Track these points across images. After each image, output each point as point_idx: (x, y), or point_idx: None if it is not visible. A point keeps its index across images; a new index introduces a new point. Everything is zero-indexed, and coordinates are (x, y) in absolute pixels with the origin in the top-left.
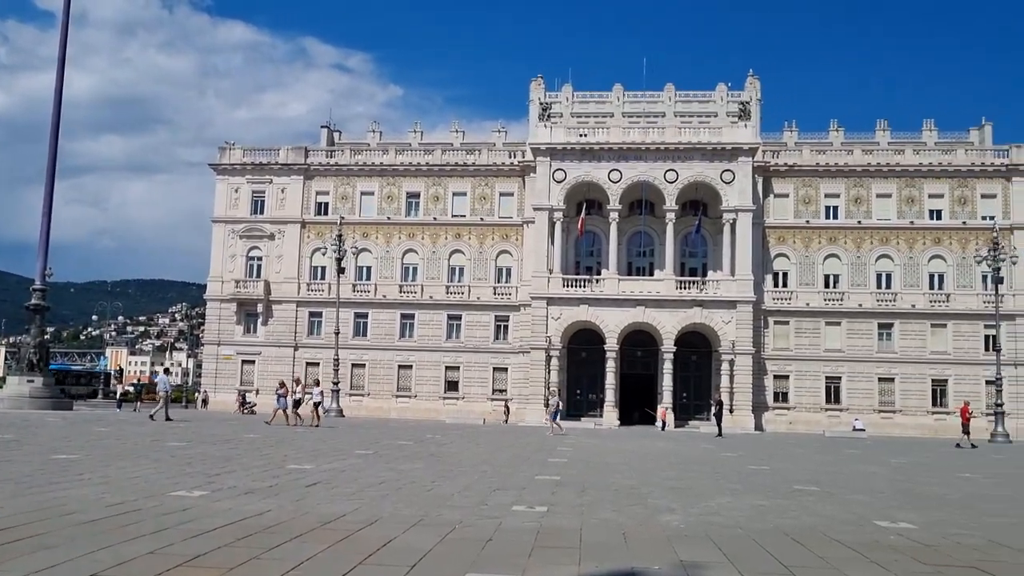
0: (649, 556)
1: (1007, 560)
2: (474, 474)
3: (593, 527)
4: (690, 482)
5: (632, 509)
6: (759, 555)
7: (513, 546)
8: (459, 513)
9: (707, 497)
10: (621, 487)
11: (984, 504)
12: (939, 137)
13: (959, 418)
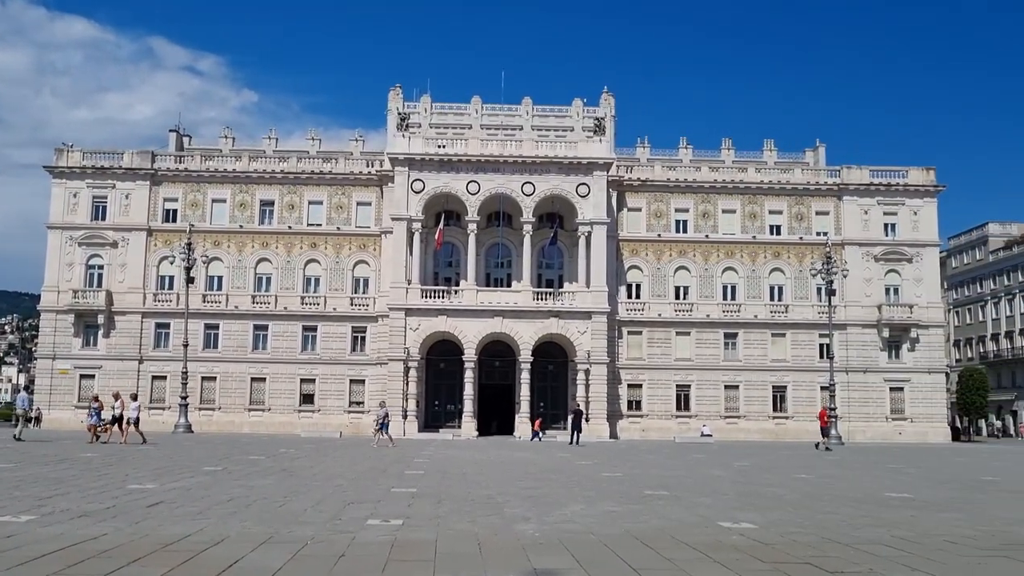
0: (503, 565)
1: (837, 555)
2: (328, 488)
3: (449, 538)
4: (546, 490)
5: (488, 519)
6: (610, 559)
7: (366, 561)
8: (311, 529)
9: (562, 505)
10: (478, 497)
11: (817, 503)
12: (778, 157)
13: (818, 422)
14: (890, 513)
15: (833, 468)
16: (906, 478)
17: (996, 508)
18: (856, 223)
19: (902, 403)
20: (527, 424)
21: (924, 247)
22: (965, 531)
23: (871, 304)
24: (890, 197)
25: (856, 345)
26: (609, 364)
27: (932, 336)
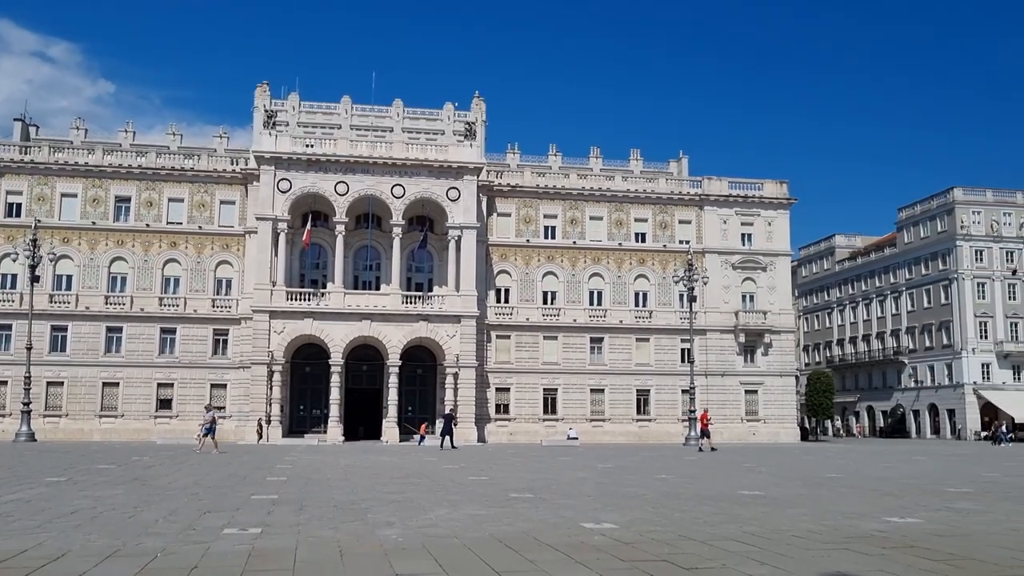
0: (365, 572)
1: (693, 552)
2: (183, 497)
3: (309, 546)
4: (411, 495)
5: (351, 525)
6: (473, 563)
7: (221, 572)
8: (162, 540)
9: (426, 509)
10: (341, 503)
11: (676, 502)
12: (644, 166)
13: (699, 423)
14: (743, 510)
15: (692, 468)
16: (758, 477)
17: (838, 503)
18: (716, 232)
19: (756, 405)
20: (395, 429)
21: (777, 256)
22: (810, 526)
23: (729, 310)
24: (747, 208)
25: (715, 350)
26: (478, 368)
27: (784, 341)
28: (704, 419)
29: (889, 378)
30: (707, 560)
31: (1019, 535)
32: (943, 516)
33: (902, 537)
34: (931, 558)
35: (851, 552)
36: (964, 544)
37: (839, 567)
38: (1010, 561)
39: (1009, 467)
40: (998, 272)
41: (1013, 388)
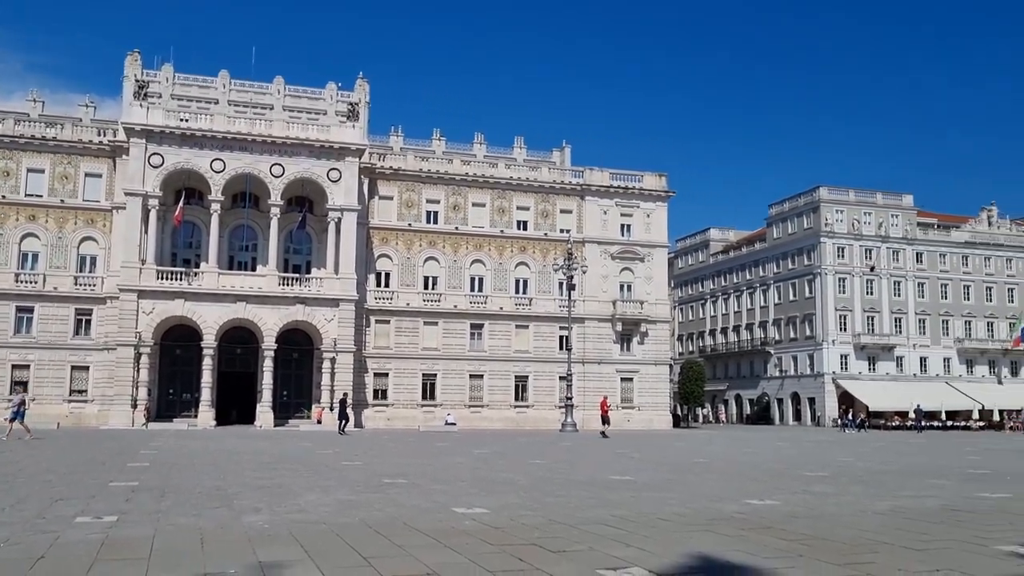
0: (226, 560)
1: (562, 536)
2: (34, 485)
3: (168, 534)
4: (281, 481)
5: (215, 512)
6: (341, 549)
7: (69, 563)
8: (7, 530)
9: (296, 495)
10: (206, 489)
11: (548, 487)
12: (527, 154)
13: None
14: (613, 495)
15: (566, 454)
16: (630, 462)
17: (703, 487)
18: (596, 222)
19: (631, 392)
20: (269, 413)
21: (655, 248)
22: (676, 509)
23: (607, 299)
24: (627, 200)
25: (593, 338)
26: (356, 353)
27: (659, 331)
28: (604, 406)
29: (756, 367)
30: (575, 543)
31: (867, 516)
32: (800, 499)
33: (760, 519)
34: (786, 538)
35: (712, 534)
36: (817, 525)
37: (700, 548)
38: (858, 540)
39: (862, 452)
40: (857, 268)
41: (868, 378)
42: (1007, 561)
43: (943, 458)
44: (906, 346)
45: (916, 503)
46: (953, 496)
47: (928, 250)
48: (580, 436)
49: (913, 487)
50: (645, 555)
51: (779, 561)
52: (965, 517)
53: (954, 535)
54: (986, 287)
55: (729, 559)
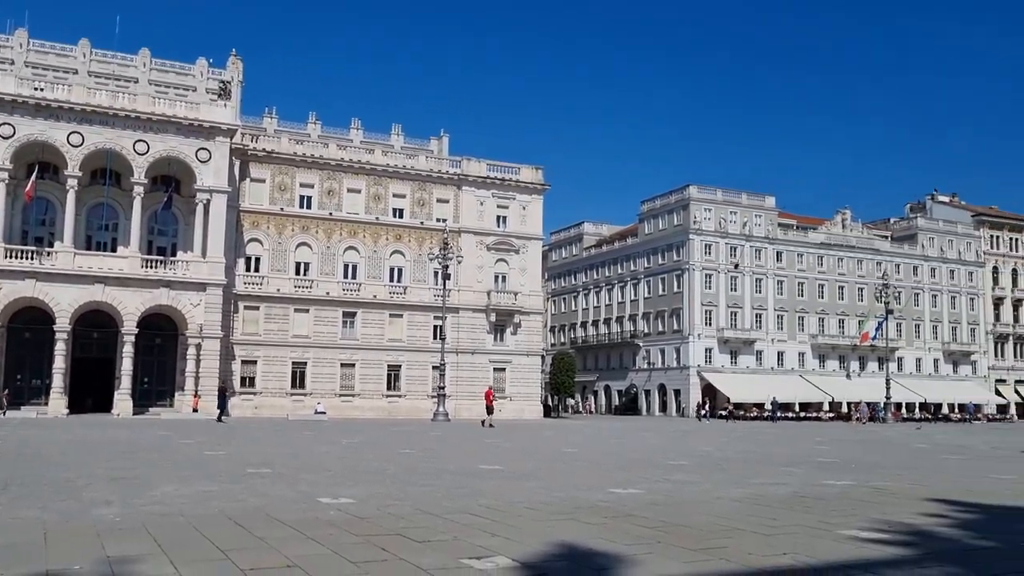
0: (72, 555)
1: (427, 525)
2: None
3: (8, 528)
4: (138, 472)
5: (62, 504)
6: (196, 541)
7: None
8: None
9: (152, 486)
10: (55, 481)
11: (417, 477)
12: (405, 142)
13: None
14: (481, 484)
15: (436, 443)
16: (500, 452)
17: (571, 476)
18: (472, 213)
19: (504, 383)
20: (128, 401)
21: (530, 240)
22: (543, 498)
23: (482, 290)
24: (504, 191)
25: (467, 328)
26: (223, 339)
27: (532, 322)
28: (489, 397)
29: (626, 359)
30: (440, 533)
31: (723, 502)
32: (661, 487)
33: (622, 507)
34: (645, 525)
35: (576, 522)
36: (675, 512)
37: (563, 536)
38: (713, 526)
39: (722, 442)
40: (723, 265)
41: (730, 371)
42: (848, 544)
43: (795, 447)
44: (765, 341)
45: (768, 490)
46: (802, 483)
47: (788, 250)
48: (452, 426)
49: (767, 475)
50: (510, 544)
51: (638, 547)
52: (812, 503)
53: (801, 520)
54: (839, 286)
55: (591, 546)
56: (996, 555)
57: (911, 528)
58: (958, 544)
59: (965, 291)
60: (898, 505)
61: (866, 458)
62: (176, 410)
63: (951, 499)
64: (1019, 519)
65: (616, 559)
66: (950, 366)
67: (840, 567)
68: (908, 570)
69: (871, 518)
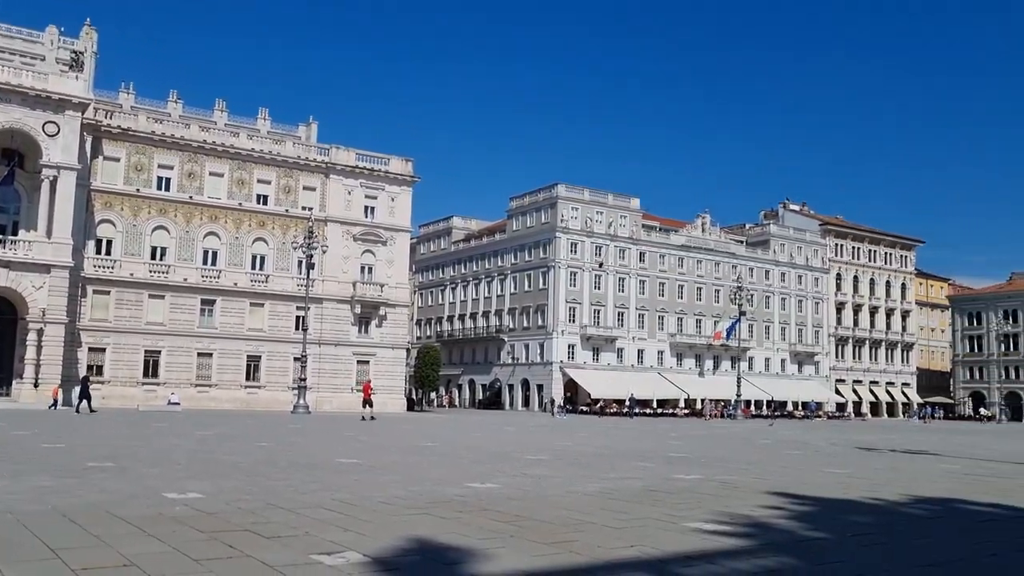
0: None
1: (279, 520)
2: None
3: None
4: None
5: None
6: (25, 541)
7: None
8: None
9: None
10: None
11: (272, 470)
12: (272, 127)
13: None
14: (338, 478)
15: (295, 436)
16: (359, 445)
17: (429, 470)
18: (340, 202)
19: (368, 376)
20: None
21: (398, 232)
22: (399, 492)
23: (347, 281)
24: (373, 181)
25: (331, 319)
26: (68, 324)
27: (398, 315)
28: (368, 390)
29: (491, 354)
30: (291, 528)
31: (577, 496)
32: (518, 481)
33: (478, 501)
34: (500, 519)
35: (431, 516)
36: (529, 506)
37: (417, 531)
38: (565, 520)
39: (580, 436)
40: (588, 264)
41: (592, 367)
42: (692, 536)
43: (649, 443)
44: (626, 339)
45: (621, 484)
46: (654, 478)
47: (650, 250)
48: (312, 418)
49: (621, 469)
50: (362, 539)
51: (490, 541)
52: (662, 497)
53: (651, 514)
54: (697, 287)
55: (444, 541)
56: (826, 545)
57: (751, 520)
58: (793, 535)
59: (811, 295)
60: (741, 498)
61: (715, 453)
62: (13, 399)
63: (789, 492)
64: (848, 511)
65: (468, 553)
66: (795, 366)
67: (683, 558)
68: (745, 560)
69: (715, 511)
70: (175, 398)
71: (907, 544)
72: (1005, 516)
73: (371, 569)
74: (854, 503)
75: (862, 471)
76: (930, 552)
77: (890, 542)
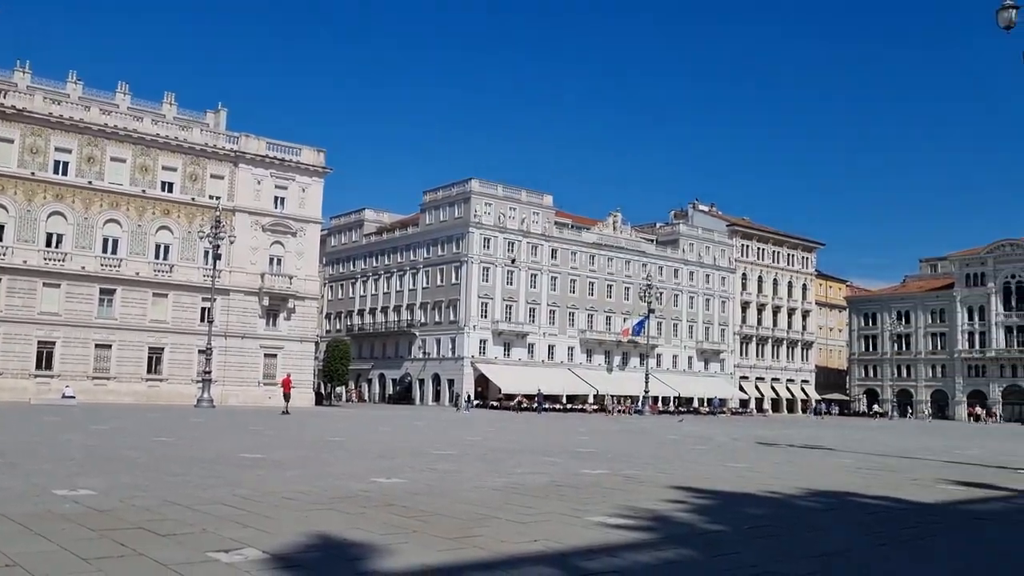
0: None
1: (175, 518)
2: None
3: None
4: None
5: None
6: None
7: None
8: None
9: None
10: None
11: (170, 466)
12: (179, 112)
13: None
14: (240, 473)
15: (197, 431)
16: (264, 439)
17: (335, 466)
18: (249, 192)
19: (275, 369)
20: None
21: (308, 223)
22: (302, 487)
23: (255, 272)
24: (283, 171)
25: (237, 311)
26: None
27: (307, 307)
28: (287, 384)
29: (401, 349)
30: (188, 526)
31: (483, 491)
32: (424, 476)
33: (383, 496)
34: (404, 515)
35: (335, 512)
36: (435, 501)
37: (320, 527)
38: (471, 515)
39: (489, 432)
40: (500, 259)
41: (503, 363)
42: (595, 530)
43: (557, 438)
44: (538, 334)
45: (527, 479)
46: (560, 472)
47: (562, 247)
48: (216, 412)
49: (527, 464)
50: (262, 535)
51: (394, 537)
52: (567, 491)
53: (556, 508)
54: (607, 285)
55: (347, 537)
56: (724, 537)
57: (653, 514)
58: (692, 528)
59: (718, 294)
60: (645, 492)
61: (621, 449)
62: None
63: (691, 486)
64: (746, 504)
65: (371, 549)
66: (702, 363)
67: (585, 552)
68: (646, 553)
69: (619, 505)
70: (70, 391)
71: (800, 536)
72: (893, 508)
73: (270, 566)
74: (752, 496)
75: (761, 465)
76: (822, 543)
77: (784, 534)
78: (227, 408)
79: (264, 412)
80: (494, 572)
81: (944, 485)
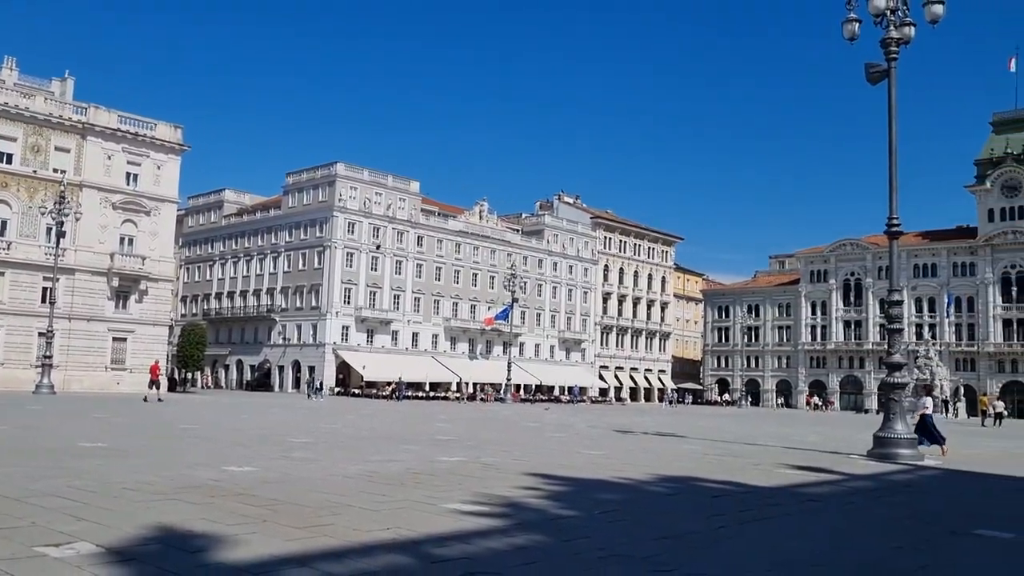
0: None
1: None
2: None
3: None
4: None
5: None
6: None
7: None
8: None
9: None
10: None
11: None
12: (20, 78)
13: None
14: (78, 463)
15: (34, 418)
16: (108, 427)
17: (184, 454)
18: (98, 167)
19: (124, 353)
20: None
21: (163, 202)
22: (147, 477)
23: (104, 252)
24: (136, 147)
25: (84, 292)
26: None
27: (161, 290)
28: (155, 371)
29: (261, 334)
30: (15, 519)
31: (337, 479)
32: (278, 464)
33: (234, 485)
34: (255, 504)
35: (180, 502)
36: (288, 490)
37: (162, 518)
38: (324, 503)
39: (349, 420)
40: (365, 245)
41: (366, 350)
42: (450, 517)
43: (418, 425)
44: (402, 322)
45: (384, 467)
46: (417, 460)
47: (428, 235)
48: (57, 399)
49: (385, 452)
50: (98, 528)
51: (242, 527)
52: (423, 479)
53: (410, 495)
54: (473, 273)
55: (191, 528)
56: (574, 523)
57: (507, 500)
58: (545, 514)
59: (581, 285)
60: (500, 479)
61: (481, 436)
62: None
63: (546, 473)
64: (598, 490)
65: (216, 540)
66: (564, 352)
67: (437, 539)
68: (498, 539)
69: (475, 492)
70: None
71: (647, 519)
72: (734, 491)
73: (103, 560)
74: (604, 482)
75: (615, 452)
76: (667, 526)
77: (633, 518)
78: (70, 394)
79: (111, 399)
80: (344, 561)
81: (783, 470)
